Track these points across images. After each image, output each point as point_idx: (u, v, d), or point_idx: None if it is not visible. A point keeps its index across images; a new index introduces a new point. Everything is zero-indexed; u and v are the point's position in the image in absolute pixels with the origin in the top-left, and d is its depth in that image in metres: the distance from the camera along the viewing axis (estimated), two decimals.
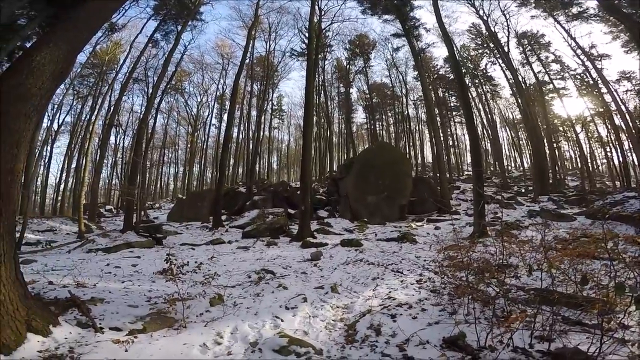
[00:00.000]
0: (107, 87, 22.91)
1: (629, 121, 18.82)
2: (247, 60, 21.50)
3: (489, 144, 34.55)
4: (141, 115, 21.38)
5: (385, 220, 14.25)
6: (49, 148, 25.37)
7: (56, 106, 23.79)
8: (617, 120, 20.90)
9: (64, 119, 26.15)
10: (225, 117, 27.79)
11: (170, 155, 41.52)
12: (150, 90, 20.84)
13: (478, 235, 8.68)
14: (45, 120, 22.12)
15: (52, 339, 2.95)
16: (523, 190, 23.01)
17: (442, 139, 22.90)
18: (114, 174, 33.49)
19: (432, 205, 16.26)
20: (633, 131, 18.39)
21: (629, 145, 21.73)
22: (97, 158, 21.70)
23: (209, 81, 33.93)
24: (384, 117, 38.36)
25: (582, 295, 3.64)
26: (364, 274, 5.91)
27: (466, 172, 33.88)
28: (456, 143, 37.78)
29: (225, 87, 32.35)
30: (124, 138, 32.48)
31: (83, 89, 25.34)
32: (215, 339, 3.32)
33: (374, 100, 34.32)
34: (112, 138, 30.36)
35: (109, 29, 18.82)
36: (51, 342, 2.91)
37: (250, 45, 21.43)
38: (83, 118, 24.92)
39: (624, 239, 3.99)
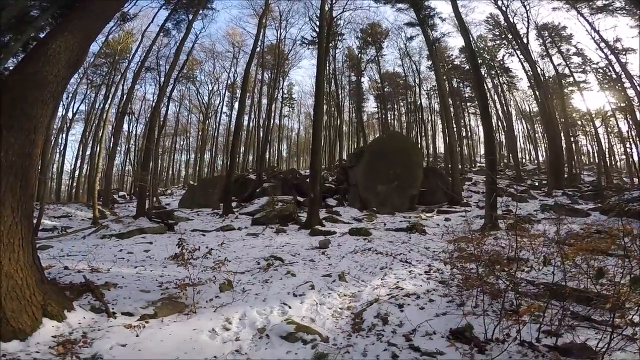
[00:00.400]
0: (119, 76, 23.24)
1: None
2: (257, 49, 21.42)
3: (503, 136, 33.77)
4: (153, 103, 21.70)
5: (395, 210, 14.19)
6: (64, 136, 26.08)
7: (71, 95, 24.34)
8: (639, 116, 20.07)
9: (78, 108, 26.86)
10: (236, 105, 27.86)
11: (181, 142, 42.22)
12: (162, 79, 21.11)
13: (489, 228, 8.58)
14: (61, 108, 22.75)
15: (66, 324, 3.03)
16: (537, 184, 22.55)
17: (454, 129, 22.46)
18: (127, 160, 34.26)
19: (443, 196, 16.09)
20: None
21: None
22: (111, 145, 22.15)
23: (220, 69, 34.12)
24: (395, 106, 37.79)
25: (593, 290, 3.57)
26: (372, 263, 5.92)
27: (479, 164, 33.27)
28: (469, 134, 37.08)
29: (236, 75, 32.51)
30: (136, 126, 33.11)
31: (96, 78, 25.87)
32: (224, 325, 3.39)
33: (385, 90, 33.79)
34: (125, 126, 30.86)
35: (121, 18, 18.95)
36: (65, 327, 2.98)
37: (261, 33, 21.29)
38: (97, 107, 25.45)
39: None
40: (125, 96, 21.36)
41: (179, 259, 4.06)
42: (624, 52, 19.95)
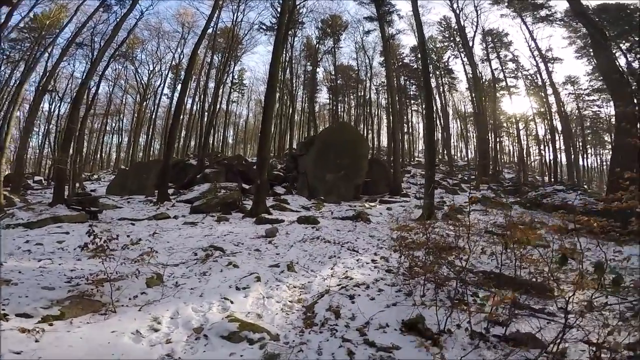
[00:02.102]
0: (43, 51, 19.73)
1: (565, 123, 20.73)
2: (210, 30, 19.92)
3: (439, 134, 36.24)
4: (81, 81, 18.93)
5: (341, 199, 14.35)
6: None
7: None
8: (554, 122, 22.95)
9: None
10: (179, 87, 25.65)
11: (113, 124, 37.87)
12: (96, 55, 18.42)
13: (427, 217, 9.08)
14: None
15: None
16: (466, 178, 24.67)
17: (399, 124, 23.42)
18: (46, 142, 29.83)
19: (385, 187, 16.85)
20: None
21: (559, 145, 24.10)
22: (23, 125, 18.81)
23: (164, 50, 31.22)
24: (346, 99, 38.34)
25: (526, 279, 3.78)
26: (320, 252, 5.76)
27: (417, 158, 35.41)
28: (410, 130, 39.11)
29: (182, 56, 30.06)
30: (60, 105, 28.87)
31: (15, 53, 21.70)
32: (151, 325, 2.93)
33: (338, 82, 34.06)
34: (47, 105, 27.33)
35: None
36: None
37: (216, 14, 19.70)
38: (11, 84, 21.42)
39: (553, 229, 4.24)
40: (48, 73, 18.28)
41: (89, 250, 3.38)
42: (552, 61, 22.58)
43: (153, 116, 34.15)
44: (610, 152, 26.57)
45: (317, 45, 30.77)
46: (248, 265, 4.70)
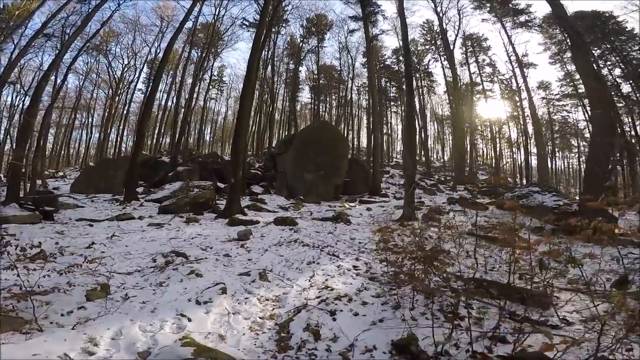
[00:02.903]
0: (3, 39, 18.08)
1: (537, 126, 21.39)
2: (189, 23, 19.10)
3: (417, 135, 36.60)
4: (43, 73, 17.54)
5: (321, 199, 13.98)
6: None
7: None
8: (527, 125, 23.66)
9: None
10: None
11: (83, 119, 35.72)
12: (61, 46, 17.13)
13: (407, 218, 8.85)
14: None
15: None
16: (443, 179, 24.99)
17: (379, 125, 23.39)
18: (8, 138, 27.69)
19: (364, 187, 16.67)
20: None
21: (530, 148, 24.85)
22: None
23: (140, 44, 29.77)
24: (328, 99, 38.10)
25: (521, 287, 3.44)
26: (298, 257, 5.28)
27: (395, 159, 35.68)
28: (389, 131, 39.36)
29: (159, 50, 28.60)
30: (24, 99, 26.82)
31: None
32: (85, 347, 2.40)
33: (321, 82, 33.77)
34: (10, 99, 25.45)
35: None
36: None
37: (197, 8, 18.88)
38: None
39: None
40: (8, 63, 16.76)
41: None
42: (527, 66, 23.29)
43: (125, 111, 32.57)
44: (578, 155, 27.85)
45: (301, 44, 30.55)
46: (214, 274, 4.12)
